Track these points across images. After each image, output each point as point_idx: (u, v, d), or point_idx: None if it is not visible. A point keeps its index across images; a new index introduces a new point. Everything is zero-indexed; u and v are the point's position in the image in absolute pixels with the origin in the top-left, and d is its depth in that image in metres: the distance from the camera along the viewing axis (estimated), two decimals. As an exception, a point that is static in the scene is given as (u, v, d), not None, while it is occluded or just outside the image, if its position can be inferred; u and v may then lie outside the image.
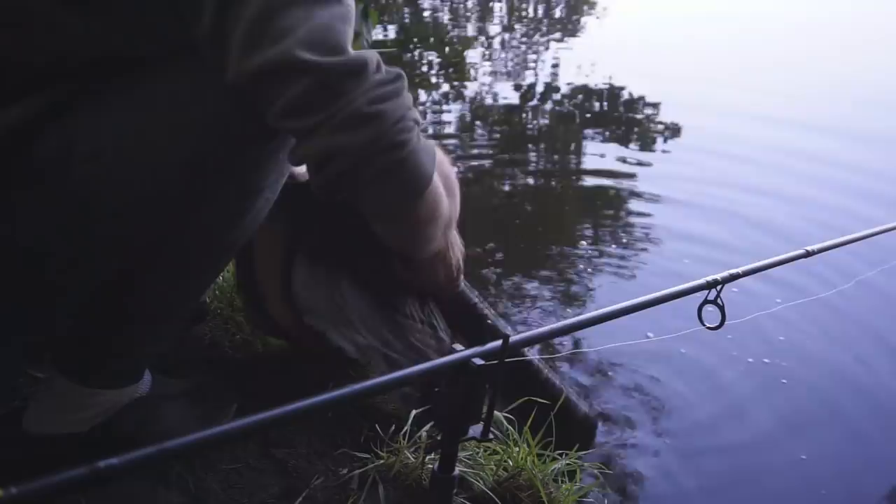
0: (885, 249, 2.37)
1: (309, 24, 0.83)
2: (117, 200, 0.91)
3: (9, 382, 1.28)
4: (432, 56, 6.93)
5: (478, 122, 4.86)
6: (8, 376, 1.28)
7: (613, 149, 4.31)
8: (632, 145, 4.41)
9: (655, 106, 5.15)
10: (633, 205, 3.43)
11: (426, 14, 9.24)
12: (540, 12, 10.18)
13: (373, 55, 0.87)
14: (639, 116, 5.01)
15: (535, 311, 2.42)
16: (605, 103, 5.44)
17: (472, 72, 6.28)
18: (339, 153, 0.85)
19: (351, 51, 0.85)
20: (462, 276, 1.36)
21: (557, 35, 8.47)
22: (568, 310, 2.44)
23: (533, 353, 1.62)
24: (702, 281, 1.16)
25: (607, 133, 4.69)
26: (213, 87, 0.87)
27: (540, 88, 5.82)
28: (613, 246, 2.95)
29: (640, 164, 4.02)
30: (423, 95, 5.39)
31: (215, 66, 0.86)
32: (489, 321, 1.48)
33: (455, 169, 1.09)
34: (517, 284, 2.56)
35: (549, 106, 5.38)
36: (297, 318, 1.30)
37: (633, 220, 3.24)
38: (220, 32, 0.84)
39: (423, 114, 4.90)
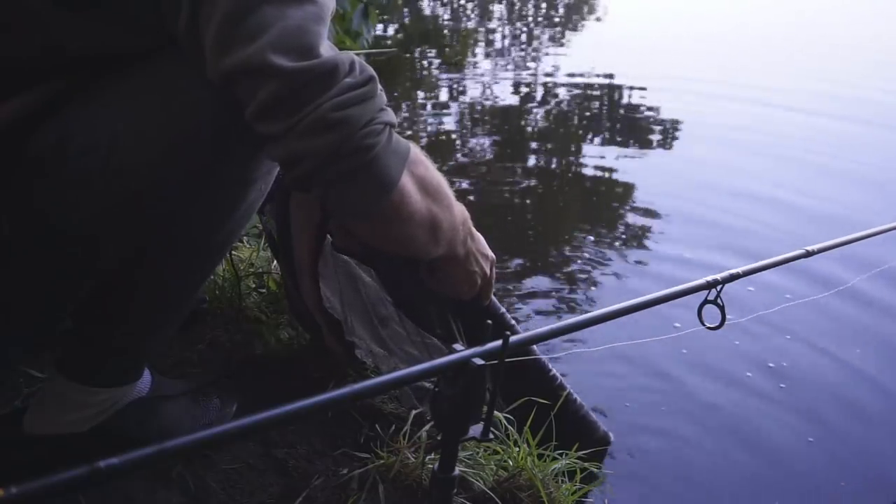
0: (885, 249, 2.38)
1: (281, 25, 0.82)
2: (114, 193, 0.91)
3: (9, 380, 1.28)
4: (432, 55, 6.92)
5: (477, 122, 4.86)
6: (8, 374, 1.28)
7: (613, 148, 4.31)
8: (631, 144, 4.41)
9: (655, 105, 5.15)
10: (633, 204, 3.42)
11: (426, 13, 9.24)
12: (540, 12, 10.18)
13: (345, 57, 0.86)
14: (638, 115, 5.01)
15: (535, 310, 2.41)
16: (605, 103, 5.44)
17: (472, 71, 6.28)
18: (304, 157, 0.86)
19: (323, 52, 0.84)
20: (490, 288, 1.32)
21: (558, 35, 8.47)
22: (568, 310, 2.43)
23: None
24: (702, 281, 1.16)
25: (607, 132, 4.68)
26: (201, 79, 0.87)
27: (539, 88, 5.82)
28: (613, 245, 2.95)
29: (639, 163, 4.02)
30: (421, 95, 5.39)
31: (195, 62, 0.86)
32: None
33: (441, 174, 1.06)
34: (516, 284, 2.56)
35: (548, 105, 5.38)
36: (319, 300, 1.28)
37: (632, 219, 3.24)
38: (195, 30, 0.84)
39: (423, 113, 4.90)
